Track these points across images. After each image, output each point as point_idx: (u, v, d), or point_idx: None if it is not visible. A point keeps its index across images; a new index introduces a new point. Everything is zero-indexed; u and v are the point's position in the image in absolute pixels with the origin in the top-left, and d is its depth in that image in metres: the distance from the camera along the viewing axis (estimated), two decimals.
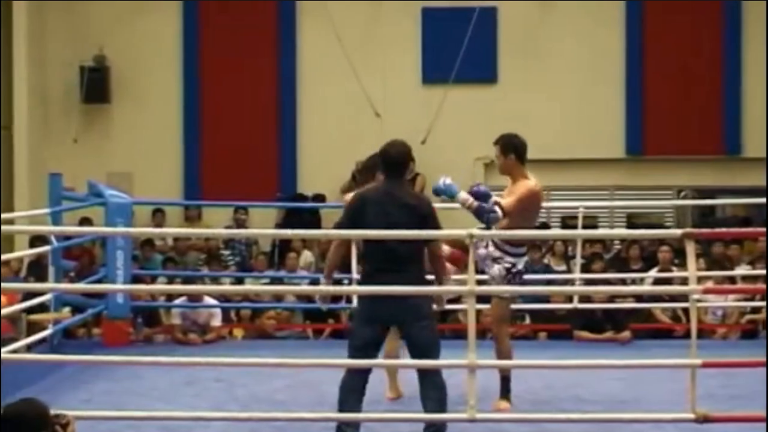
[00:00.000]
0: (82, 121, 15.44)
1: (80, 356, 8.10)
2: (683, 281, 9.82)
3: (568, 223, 14.52)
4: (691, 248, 6.37)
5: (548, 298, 11.03)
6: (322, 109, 15.36)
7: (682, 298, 9.87)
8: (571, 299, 10.64)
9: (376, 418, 6.38)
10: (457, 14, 14.94)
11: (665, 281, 11.24)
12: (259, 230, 13.92)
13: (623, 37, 15.20)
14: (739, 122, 15.06)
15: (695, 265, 6.47)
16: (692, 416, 6.25)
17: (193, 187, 15.34)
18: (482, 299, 7.69)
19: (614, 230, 14.61)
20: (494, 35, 15.17)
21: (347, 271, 10.03)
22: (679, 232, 6.94)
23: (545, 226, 13.59)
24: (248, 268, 13.46)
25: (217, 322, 10.93)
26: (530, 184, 7.43)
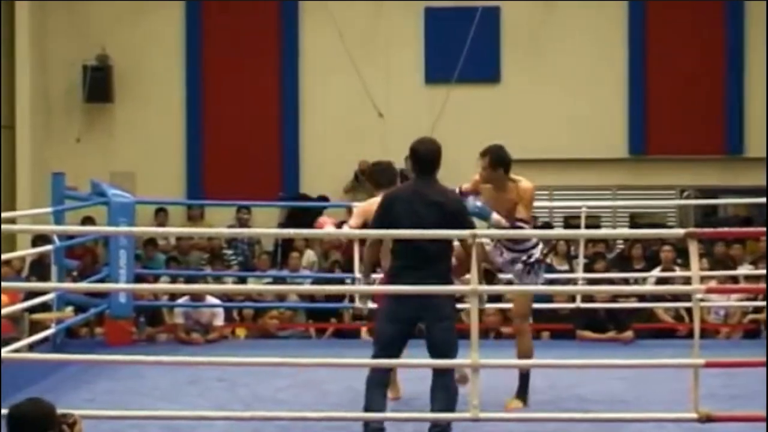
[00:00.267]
0: (84, 120, 15.46)
1: (83, 356, 8.10)
2: (686, 281, 9.83)
3: (570, 222, 14.54)
4: (693, 248, 6.37)
5: (551, 297, 11.02)
6: (324, 108, 15.37)
7: (684, 297, 9.88)
8: (573, 299, 10.64)
9: (376, 417, 6.38)
10: (459, 14, 14.95)
11: (668, 281, 11.24)
12: (261, 230, 13.91)
13: (626, 37, 15.21)
14: (741, 122, 15.07)
15: (698, 264, 6.46)
16: (695, 416, 6.24)
17: (195, 186, 15.35)
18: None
19: (617, 230, 14.60)
20: (497, 35, 15.18)
21: (351, 270, 10.03)
22: (681, 231, 6.94)
23: (548, 225, 13.59)
24: (251, 267, 13.46)
25: (219, 321, 10.92)
26: (529, 185, 7.44)
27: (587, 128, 15.10)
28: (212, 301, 10.97)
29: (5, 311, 8.97)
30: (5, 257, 9.16)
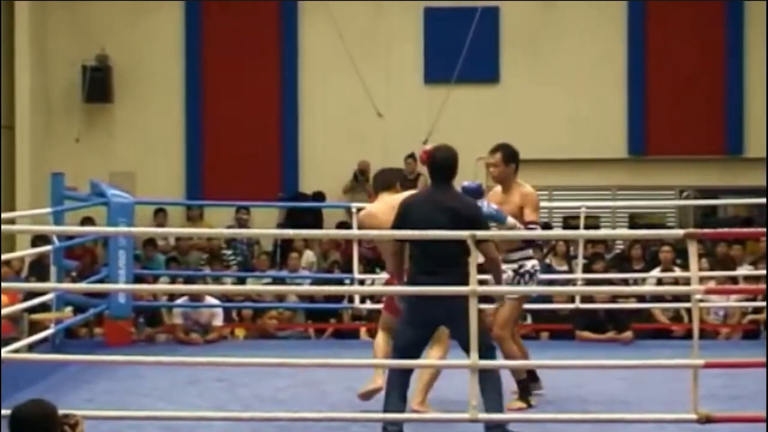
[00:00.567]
0: (84, 120, 15.46)
1: (82, 356, 8.09)
2: (686, 281, 9.82)
3: (570, 223, 14.53)
4: (693, 248, 6.36)
5: (550, 298, 11.01)
6: (324, 109, 15.37)
7: (684, 298, 9.87)
8: (573, 299, 10.63)
9: (376, 418, 6.37)
10: (459, 14, 14.95)
11: (667, 281, 11.24)
12: (261, 230, 13.93)
13: (625, 37, 15.21)
14: (741, 122, 15.07)
15: (697, 265, 6.46)
16: (694, 417, 6.24)
17: (195, 186, 15.35)
18: (486, 299, 7.72)
19: (616, 230, 14.60)
20: (496, 35, 15.19)
21: (349, 271, 10.03)
22: (681, 232, 6.94)
23: (547, 226, 13.58)
24: (250, 267, 13.46)
25: (218, 321, 10.92)
26: (532, 190, 7.51)
27: (587, 128, 15.10)
28: (211, 301, 10.97)
29: (5, 311, 8.96)
30: (5, 257, 9.14)
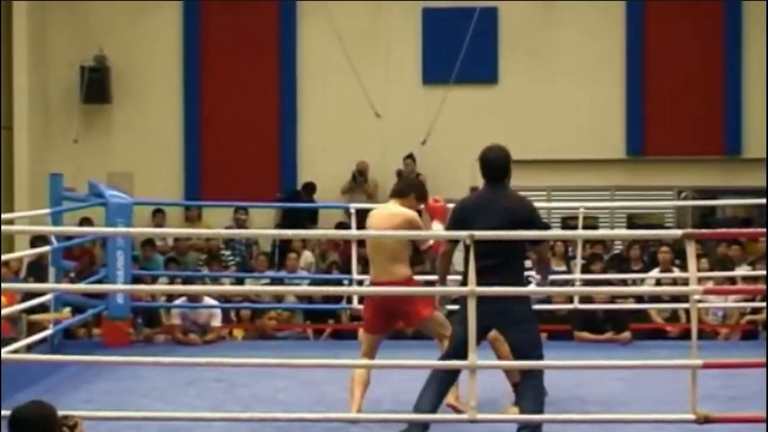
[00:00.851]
0: (82, 121, 15.45)
1: (81, 356, 8.08)
2: (684, 282, 9.82)
3: (568, 223, 14.51)
4: (691, 249, 6.36)
5: (549, 298, 11.01)
6: (322, 109, 15.37)
7: (682, 298, 9.87)
8: (571, 300, 10.63)
9: (375, 418, 6.37)
10: (457, 14, 14.95)
11: (666, 282, 11.24)
12: (259, 230, 13.92)
13: (624, 37, 15.21)
14: (739, 123, 15.07)
15: (696, 265, 6.46)
16: (693, 417, 6.24)
17: (193, 187, 15.35)
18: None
19: (615, 231, 14.60)
20: (495, 35, 15.18)
21: (347, 272, 10.02)
22: (679, 232, 6.93)
23: (546, 226, 13.56)
24: (248, 268, 13.45)
25: (217, 322, 10.92)
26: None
27: (585, 129, 15.10)
28: (210, 302, 10.96)
29: (4, 312, 8.96)
30: (3, 258, 9.14)
